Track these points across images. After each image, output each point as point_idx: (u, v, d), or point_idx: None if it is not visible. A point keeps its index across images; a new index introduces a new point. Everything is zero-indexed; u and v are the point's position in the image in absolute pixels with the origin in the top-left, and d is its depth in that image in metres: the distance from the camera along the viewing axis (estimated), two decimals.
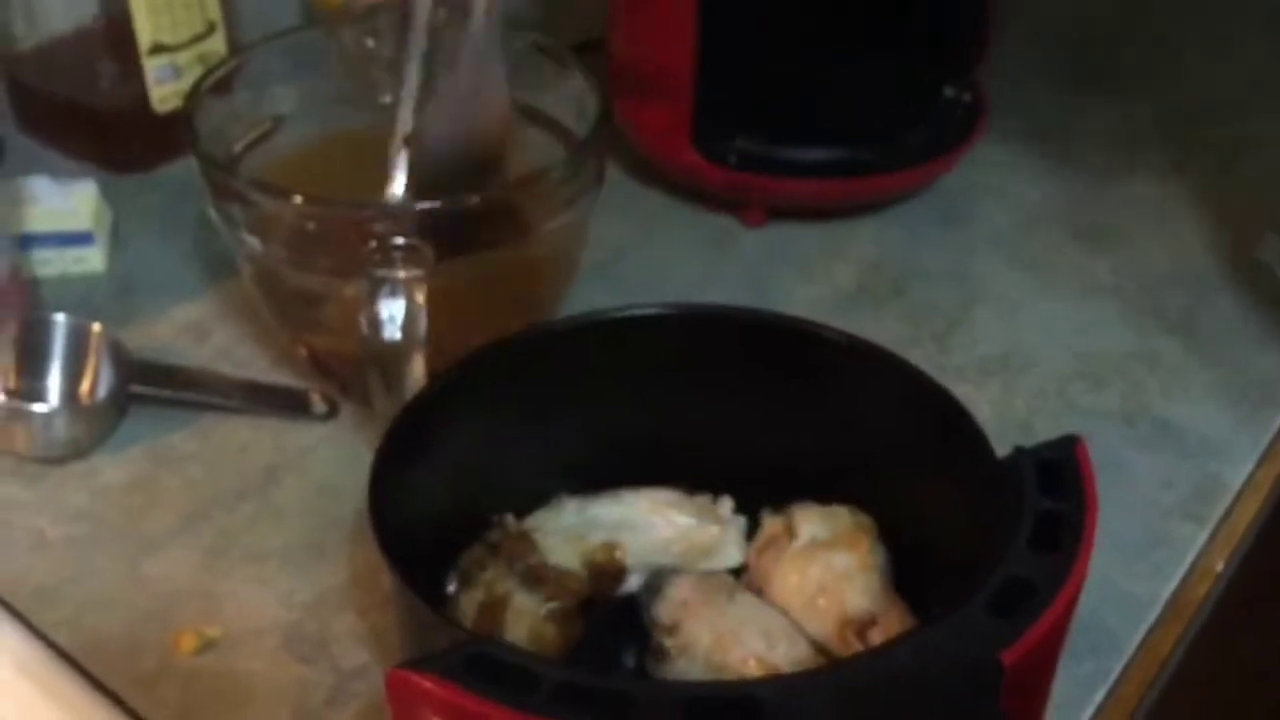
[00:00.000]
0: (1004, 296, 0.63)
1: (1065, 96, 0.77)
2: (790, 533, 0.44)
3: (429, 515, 0.43)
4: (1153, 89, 0.78)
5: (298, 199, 0.49)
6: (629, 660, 0.43)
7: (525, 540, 0.44)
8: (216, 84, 0.55)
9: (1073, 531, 0.34)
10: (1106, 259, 0.65)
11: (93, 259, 0.62)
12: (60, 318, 0.55)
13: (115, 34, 0.65)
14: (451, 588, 0.43)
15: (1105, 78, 0.79)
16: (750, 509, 0.47)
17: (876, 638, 0.41)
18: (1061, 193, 0.69)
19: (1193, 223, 0.67)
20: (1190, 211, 0.68)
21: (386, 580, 0.47)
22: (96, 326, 0.55)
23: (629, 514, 0.46)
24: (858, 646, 0.40)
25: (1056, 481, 0.36)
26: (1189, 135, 0.73)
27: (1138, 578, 0.49)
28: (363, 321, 0.47)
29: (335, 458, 0.54)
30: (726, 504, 0.47)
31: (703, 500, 0.47)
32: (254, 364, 0.58)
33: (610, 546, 0.46)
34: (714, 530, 0.46)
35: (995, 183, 0.69)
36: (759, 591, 0.44)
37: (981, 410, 0.42)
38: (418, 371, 0.47)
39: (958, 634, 0.32)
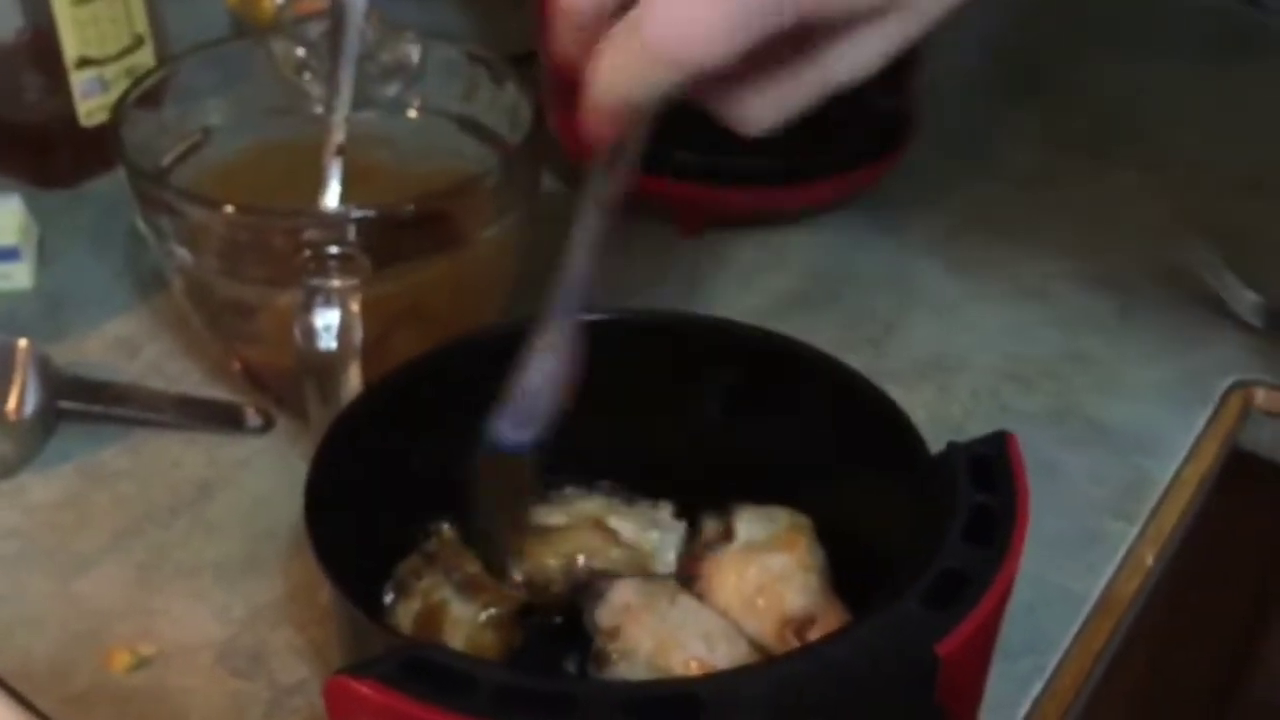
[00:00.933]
0: (938, 301, 0.64)
1: (994, 104, 0.78)
2: (728, 534, 0.44)
3: (366, 526, 0.43)
4: (1079, 97, 0.79)
5: (228, 209, 0.48)
6: (571, 666, 0.43)
7: (461, 549, 0.44)
8: (143, 96, 0.54)
9: (1005, 524, 0.35)
10: (1036, 263, 0.66)
11: (19, 275, 0.61)
12: None
13: (40, 47, 0.64)
14: (389, 598, 0.43)
15: (1033, 86, 0.81)
16: (689, 513, 0.47)
17: (815, 637, 0.41)
18: (992, 198, 0.71)
19: (1119, 227, 0.68)
20: (1116, 216, 0.69)
21: (324, 593, 0.46)
22: (22, 342, 0.54)
23: (568, 520, 0.46)
24: (795, 644, 0.41)
25: (989, 475, 0.36)
26: (1115, 142, 0.75)
27: (1071, 575, 0.50)
28: (297, 332, 0.47)
29: (270, 471, 0.53)
30: (666, 508, 0.47)
31: (642, 505, 0.47)
32: (187, 378, 0.57)
33: (550, 554, 0.46)
34: (653, 535, 0.46)
35: (928, 189, 0.70)
36: (699, 594, 0.44)
37: (917, 413, 0.42)
38: (353, 382, 0.47)
39: (893, 627, 0.32)
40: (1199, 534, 0.55)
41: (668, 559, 0.46)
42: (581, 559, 0.45)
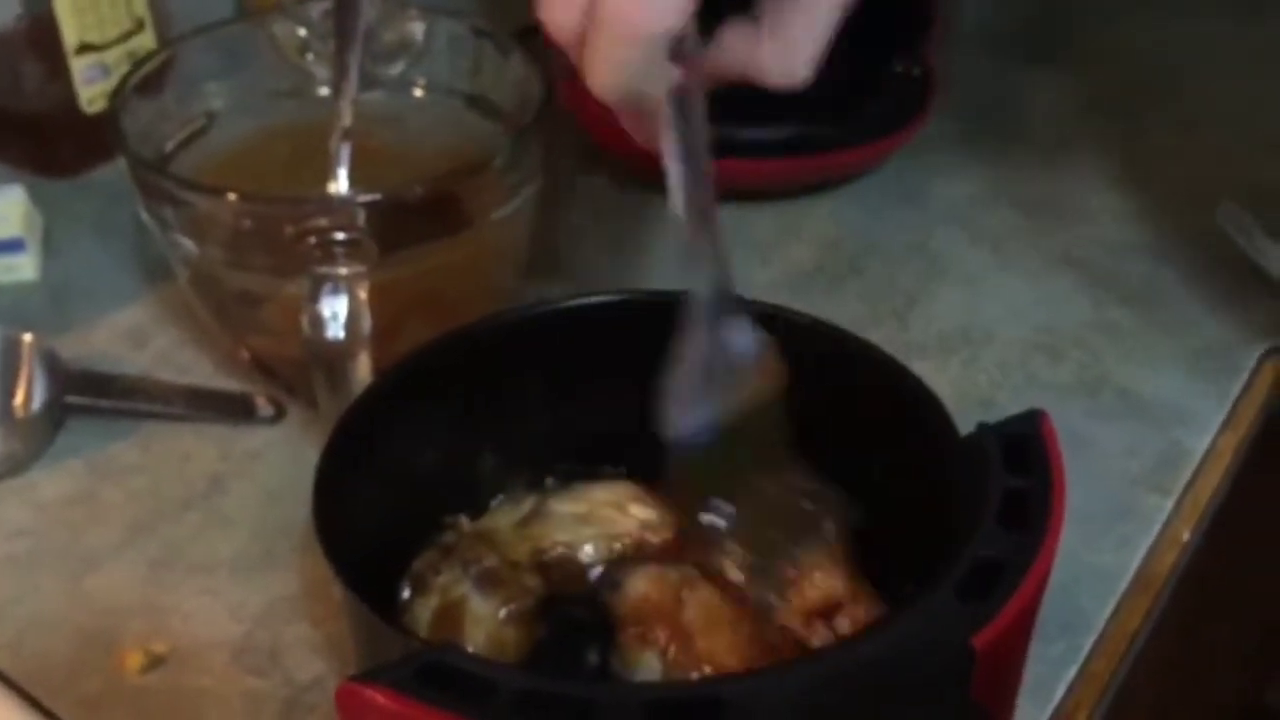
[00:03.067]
0: (962, 272, 0.62)
1: (1017, 70, 0.76)
2: None
3: (379, 520, 0.42)
4: (1104, 61, 0.77)
5: (232, 197, 0.47)
6: (593, 658, 0.42)
7: (480, 542, 0.43)
8: (144, 81, 0.53)
9: (1041, 508, 0.34)
10: (1062, 231, 0.64)
11: (24, 267, 0.60)
12: None
13: (39, 34, 0.63)
14: (405, 595, 0.42)
15: (1056, 50, 0.78)
16: None
17: (843, 623, 0.40)
18: (1016, 167, 0.69)
19: (1147, 193, 0.67)
20: (1144, 182, 0.67)
21: (339, 588, 0.45)
22: (28, 336, 0.53)
23: (588, 509, 0.45)
24: (824, 633, 0.39)
25: (1022, 457, 0.35)
26: (1141, 107, 0.73)
27: (1105, 551, 0.49)
28: (305, 321, 0.45)
29: (283, 462, 0.52)
30: None
31: (663, 491, 0.46)
32: (196, 369, 0.56)
33: (569, 543, 0.45)
34: (674, 521, 0.45)
35: (950, 158, 0.69)
36: (719, 581, 0.43)
37: (943, 387, 0.41)
38: (363, 370, 0.46)
39: (925, 620, 0.31)
40: (1234, 506, 0.54)
41: None
42: (601, 549, 0.44)
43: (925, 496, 0.39)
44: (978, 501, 0.34)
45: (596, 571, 0.44)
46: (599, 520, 0.45)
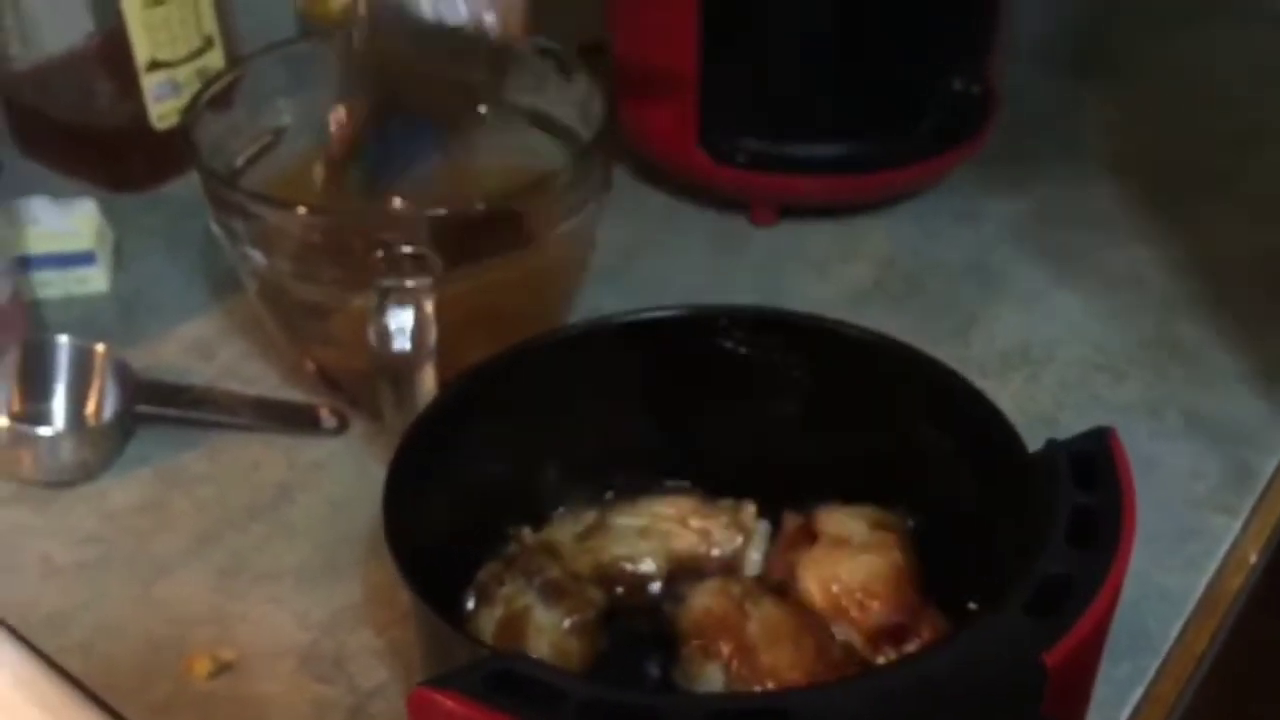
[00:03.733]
0: (1022, 289, 0.62)
1: (1075, 85, 0.76)
2: (813, 534, 0.43)
3: (445, 530, 0.42)
4: (1163, 76, 0.77)
5: (301, 210, 0.48)
6: (654, 670, 0.42)
7: (543, 553, 0.43)
8: (215, 98, 0.54)
9: (1111, 525, 0.33)
10: (1123, 248, 0.64)
11: (95, 279, 0.61)
12: (63, 339, 0.54)
13: (112, 52, 0.65)
14: (470, 604, 0.42)
15: (1116, 65, 0.78)
16: (773, 513, 0.46)
17: (910, 647, 0.39)
18: (1075, 183, 0.68)
19: (1209, 209, 0.66)
20: (1206, 198, 0.67)
21: (404, 597, 0.46)
22: (100, 347, 0.54)
23: (649, 522, 0.45)
24: (889, 652, 0.39)
25: (1091, 474, 0.35)
26: (1201, 122, 0.72)
27: (1171, 572, 0.48)
28: (371, 333, 0.46)
29: (347, 473, 0.53)
30: (749, 509, 0.46)
31: (724, 505, 0.46)
32: (262, 380, 0.57)
33: (628, 557, 0.45)
34: (736, 536, 0.45)
35: (1006, 175, 0.68)
36: (783, 595, 0.43)
37: (1005, 405, 0.41)
38: (428, 383, 0.46)
39: (996, 637, 0.31)
40: None
41: (753, 558, 0.45)
42: (663, 561, 0.44)
43: (991, 514, 0.39)
44: (1046, 518, 0.34)
45: (657, 585, 0.44)
46: (659, 534, 0.46)
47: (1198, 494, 0.51)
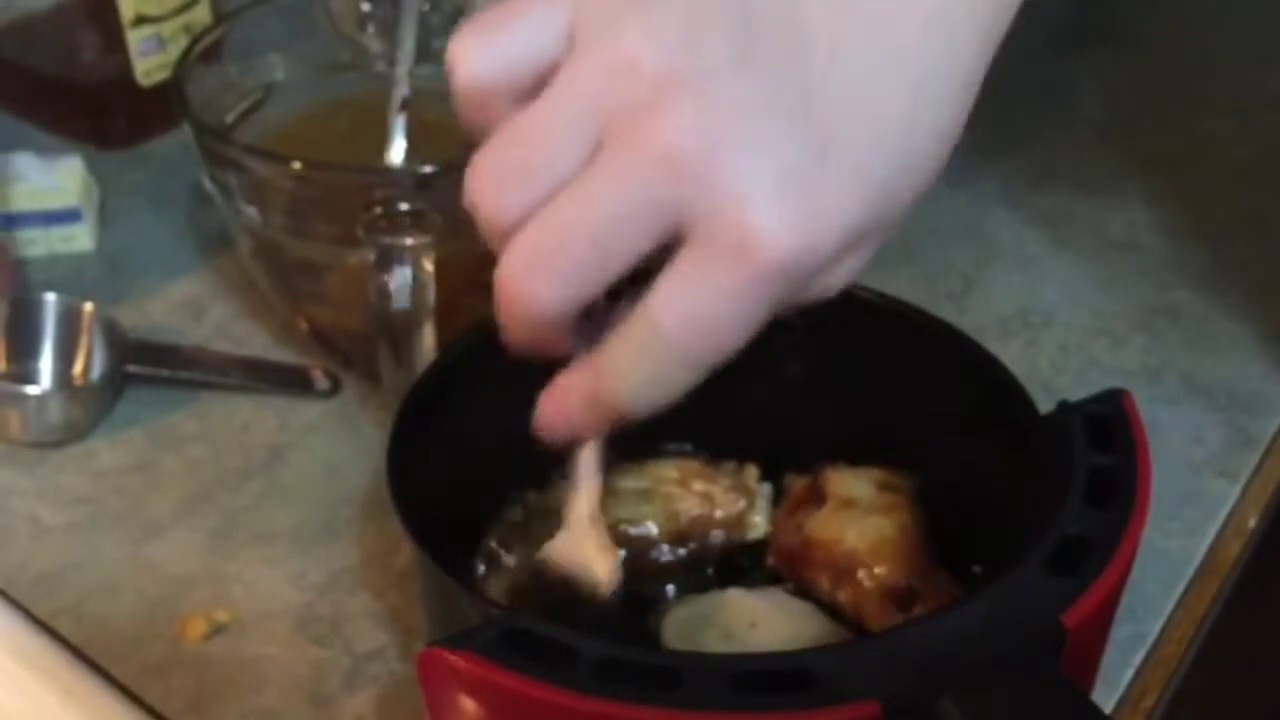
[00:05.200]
0: (1019, 254, 0.61)
1: (1071, 50, 0.75)
2: (819, 496, 0.43)
3: (447, 491, 0.41)
4: (1160, 42, 0.76)
5: (297, 165, 0.47)
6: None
7: (549, 519, 0.43)
8: (204, 52, 0.53)
9: (1126, 485, 0.33)
10: (1122, 213, 0.63)
11: (81, 237, 0.60)
12: (50, 297, 0.53)
13: (96, 6, 0.63)
14: (480, 570, 0.42)
15: (1113, 30, 0.77)
16: (776, 476, 0.45)
17: (916, 606, 0.39)
18: (1071, 148, 0.68)
19: (1207, 175, 0.66)
20: (1204, 164, 0.67)
21: (407, 558, 0.45)
22: (88, 306, 0.53)
23: (651, 485, 0.45)
24: (899, 618, 0.39)
25: (1106, 435, 0.35)
26: (1198, 89, 0.72)
27: (1172, 537, 0.48)
28: (371, 291, 0.45)
29: (340, 435, 0.52)
30: (752, 472, 0.45)
31: (728, 468, 0.45)
32: (253, 340, 0.56)
33: (630, 519, 0.44)
34: (739, 499, 0.45)
35: (1000, 140, 0.68)
36: (785, 560, 0.43)
37: None
38: (428, 342, 0.46)
39: (1015, 596, 0.31)
40: None
41: (756, 521, 0.44)
42: (667, 524, 0.44)
43: (1002, 477, 0.38)
44: (1061, 480, 0.34)
45: (664, 549, 0.44)
46: (661, 497, 0.45)
47: (1197, 459, 0.51)
